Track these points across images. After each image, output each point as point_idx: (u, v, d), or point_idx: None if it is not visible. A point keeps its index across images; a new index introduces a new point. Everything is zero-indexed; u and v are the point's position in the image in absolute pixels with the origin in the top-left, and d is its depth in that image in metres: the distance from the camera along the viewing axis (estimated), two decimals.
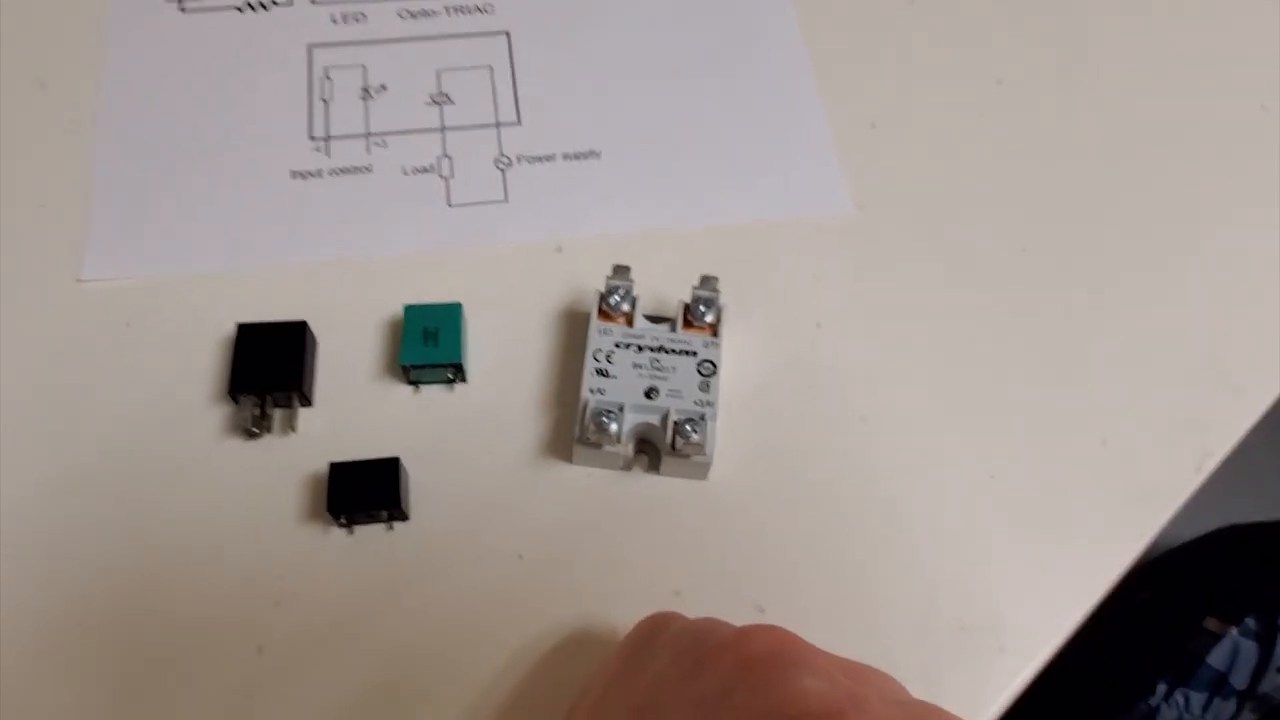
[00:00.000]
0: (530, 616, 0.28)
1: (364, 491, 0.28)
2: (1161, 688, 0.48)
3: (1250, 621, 0.48)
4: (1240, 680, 0.48)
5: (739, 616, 0.28)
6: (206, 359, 0.31)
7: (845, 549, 0.29)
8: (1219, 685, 0.48)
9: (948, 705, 0.27)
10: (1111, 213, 0.36)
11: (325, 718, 0.27)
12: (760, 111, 0.37)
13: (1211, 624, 0.49)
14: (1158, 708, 0.48)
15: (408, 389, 0.31)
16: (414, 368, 0.30)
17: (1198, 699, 0.48)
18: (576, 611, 0.28)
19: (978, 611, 0.29)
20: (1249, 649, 0.48)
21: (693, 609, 0.28)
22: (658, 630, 0.25)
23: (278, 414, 0.30)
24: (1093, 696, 0.51)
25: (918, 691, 0.27)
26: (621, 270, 0.31)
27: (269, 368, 0.30)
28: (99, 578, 0.28)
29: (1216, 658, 0.48)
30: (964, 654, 0.28)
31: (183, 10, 0.37)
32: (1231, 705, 0.48)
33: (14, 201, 0.33)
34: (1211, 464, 0.32)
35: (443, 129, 0.36)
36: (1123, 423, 0.32)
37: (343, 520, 0.28)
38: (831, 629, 0.28)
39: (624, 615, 0.28)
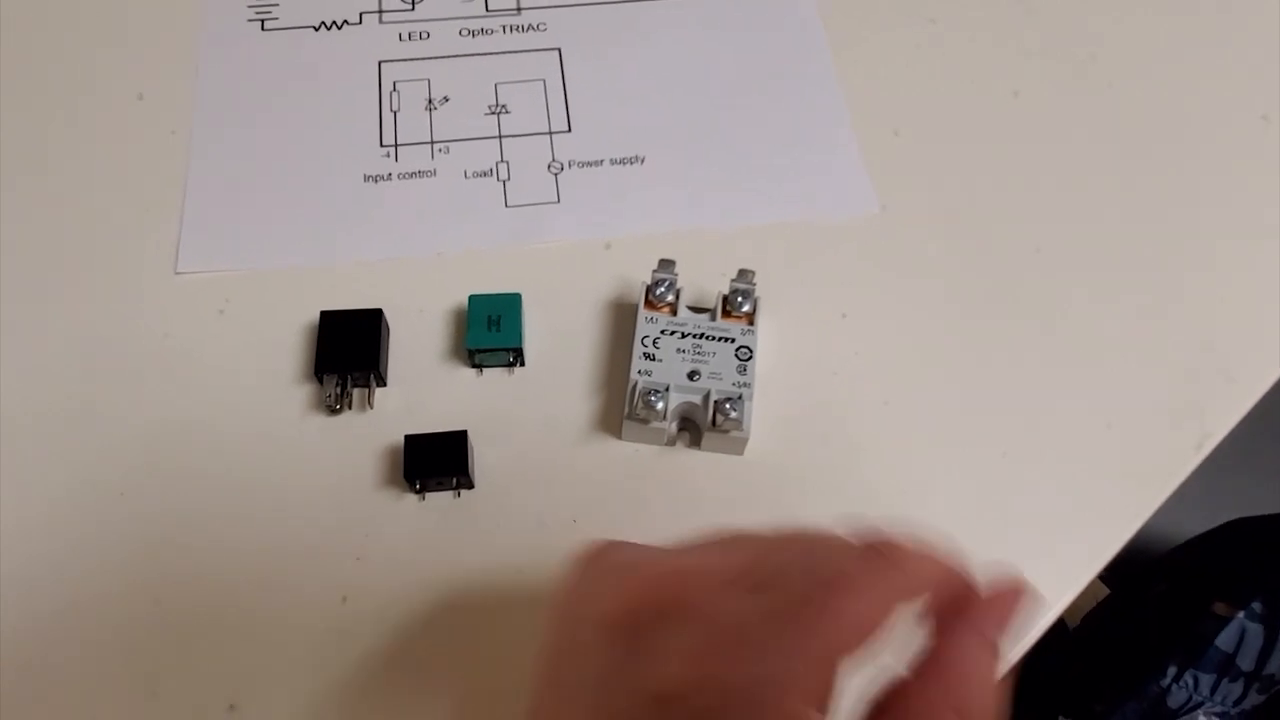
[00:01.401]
0: None
1: (436, 460, 0.31)
2: (1172, 669, 0.51)
3: (1257, 606, 0.50)
4: (1247, 662, 0.50)
5: None
6: (292, 343, 0.34)
7: (868, 519, 0.32)
8: (1227, 667, 0.50)
9: None
10: (1117, 214, 0.38)
11: (402, 660, 0.30)
12: (791, 119, 0.40)
13: (1220, 608, 0.51)
14: (1168, 688, 0.51)
15: (471, 371, 0.34)
16: (478, 351, 0.33)
17: (1206, 680, 0.50)
18: None
19: (990, 578, 0.32)
20: (1255, 632, 0.50)
21: None
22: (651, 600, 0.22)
23: (356, 392, 0.33)
24: (1106, 678, 0.53)
25: None
26: (666, 264, 0.34)
27: (349, 351, 0.33)
28: (199, 537, 0.31)
29: (1224, 640, 0.50)
30: None
31: (265, 29, 0.41)
32: (1239, 686, 0.50)
33: (118, 202, 0.37)
34: (1210, 445, 0.34)
35: (500, 137, 0.39)
36: (1126, 407, 0.34)
37: (417, 486, 0.31)
38: None
39: None
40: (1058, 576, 0.32)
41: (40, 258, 0.36)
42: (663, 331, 0.33)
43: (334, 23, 0.41)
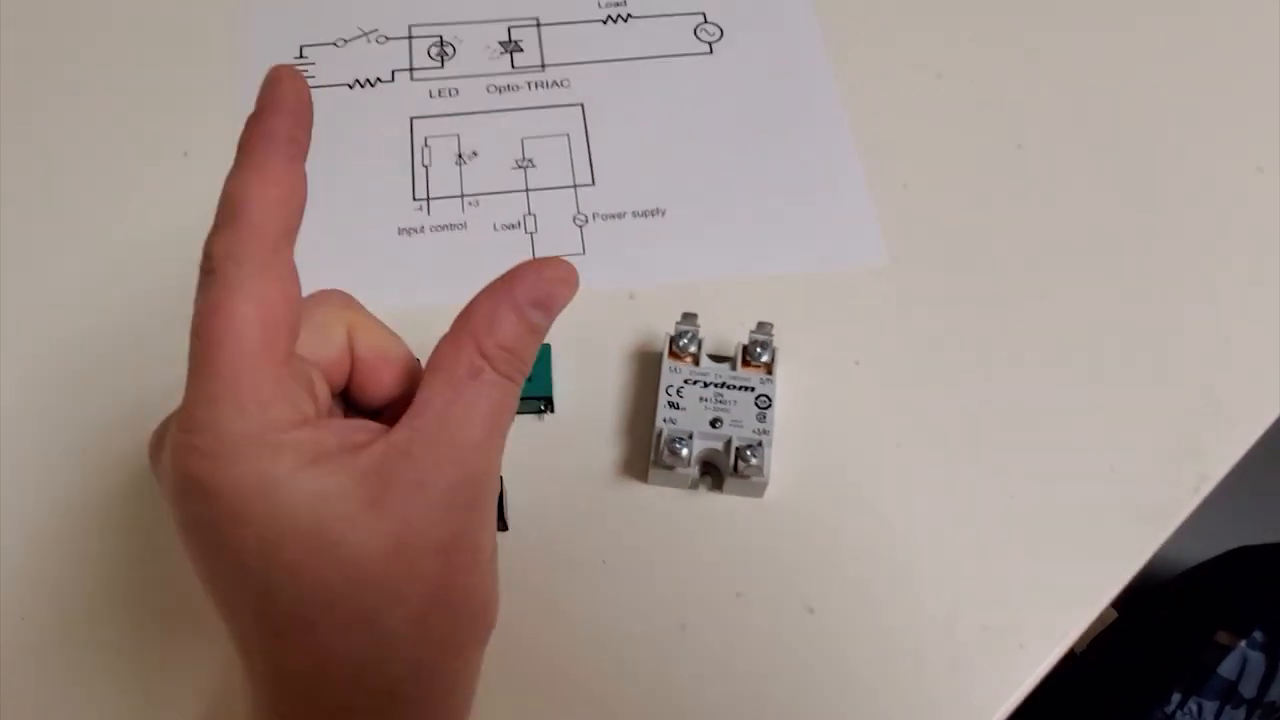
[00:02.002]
0: (612, 613, 0.33)
1: None
2: (1176, 696, 0.52)
3: (1258, 635, 0.52)
4: (1249, 689, 0.51)
5: (791, 615, 0.33)
6: None
7: (883, 558, 0.34)
8: (1229, 694, 0.51)
9: (975, 695, 0.32)
10: (1118, 263, 0.40)
11: None
12: (806, 173, 0.41)
13: (1222, 637, 0.52)
14: (1172, 715, 0.52)
15: None
16: None
17: (1210, 707, 0.52)
18: (651, 608, 0.33)
19: (1000, 614, 0.33)
20: (1257, 660, 0.51)
21: (752, 609, 0.33)
22: None
23: None
24: (1111, 704, 0.55)
25: (948, 682, 0.32)
26: (689, 317, 0.35)
27: None
28: None
29: (1227, 668, 0.51)
30: (988, 650, 0.33)
31: None
32: (1241, 713, 0.52)
33: (165, 255, 0.39)
34: (1208, 487, 0.36)
35: (527, 190, 0.41)
36: (1129, 451, 0.36)
37: None
38: (871, 627, 0.33)
39: (692, 613, 0.33)
40: (1062, 613, 0.33)
41: (90, 307, 0.38)
42: (686, 381, 0.34)
43: (368, 80, 0.43)
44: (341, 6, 0.45)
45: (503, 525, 0.33)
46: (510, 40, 0.45)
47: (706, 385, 0.34)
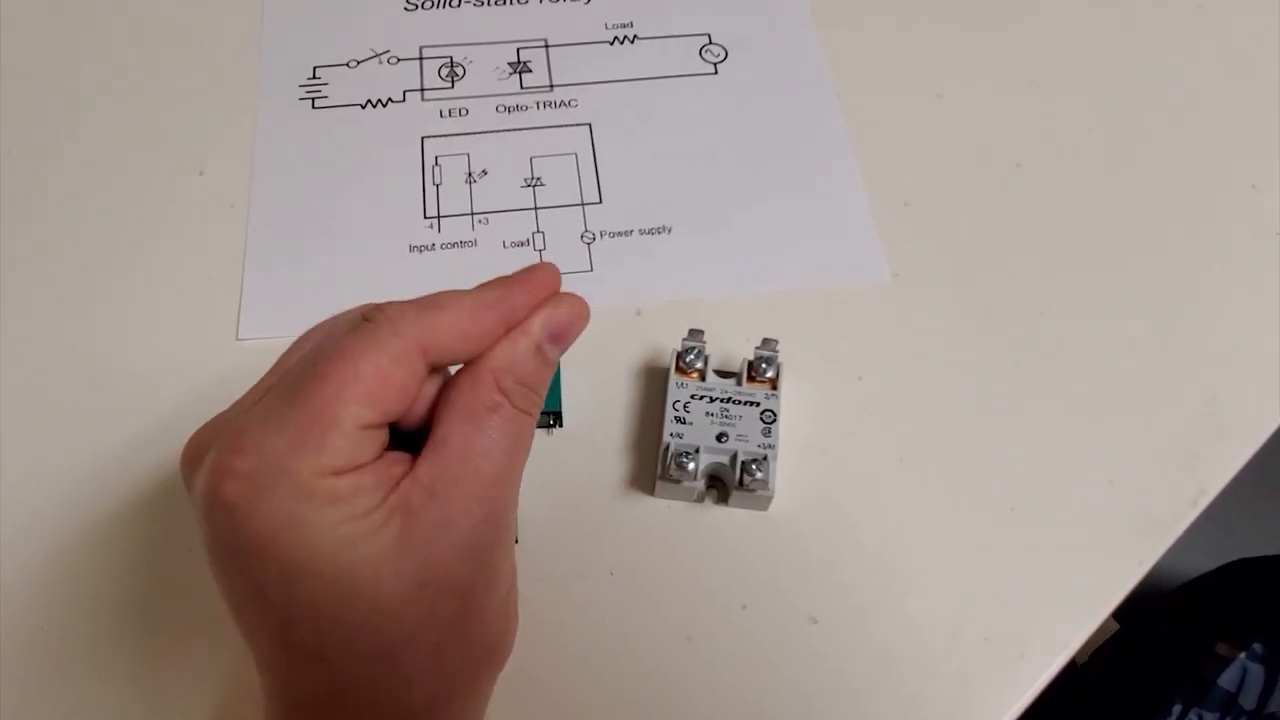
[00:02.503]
0: (619, 624, 0.33)
1: None
2: (1177, 708, 0.52)
3: (1257, 647, 0.52)
4: (1249, 701, 0.52)
5: (796, 626, 0.33)
6: None
7: (886, 570, 0.35)
8: (1229, 706, 0.52)
9: (977, 706, 0.33)
10: (1115, 279, 0.41)
11: None
12: (809, 192, 0.42)
13: (1223, 649, 0.53)
14: None
15: None
16: None
17: (1211, 718, 0.52)
18: (658, 619, 0.33)
19: (1001, 625, 0.34)
20: (1256, 672, 0.52)
21: (757, 620, 0.34)
22: None
23: None
24: (1112, 715, 0.55)
25: (950, 692, 0.32)
26: (696, 333, 0.36)
27: None
28: None
29: (1227, 680, 0.52)
30: (990, 660, 0.33)
31: (315, 108, 0.44)
32: None
33: (182, 273, 0.40)
34: (1205, 501, 0.36)
35: (536, 208, 0.42)
36: (1127, 464, 0.37)
37: None
38: (874, 638, 0.33)
39: (698, 624, 0.33)
40: (1063, 624, 0.34)
41: (107, 325, 0.39)
42: (693, 396, 0.35)
43: (379, 101, 0.44)
44: (354, 28, 0.46)
45: (515, 537, 0.34)
46: (519, 61, 0.46)
47: (712, 400, 0.35)
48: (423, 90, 0.45)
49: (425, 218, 0.41)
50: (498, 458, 0.24)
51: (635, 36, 0.47)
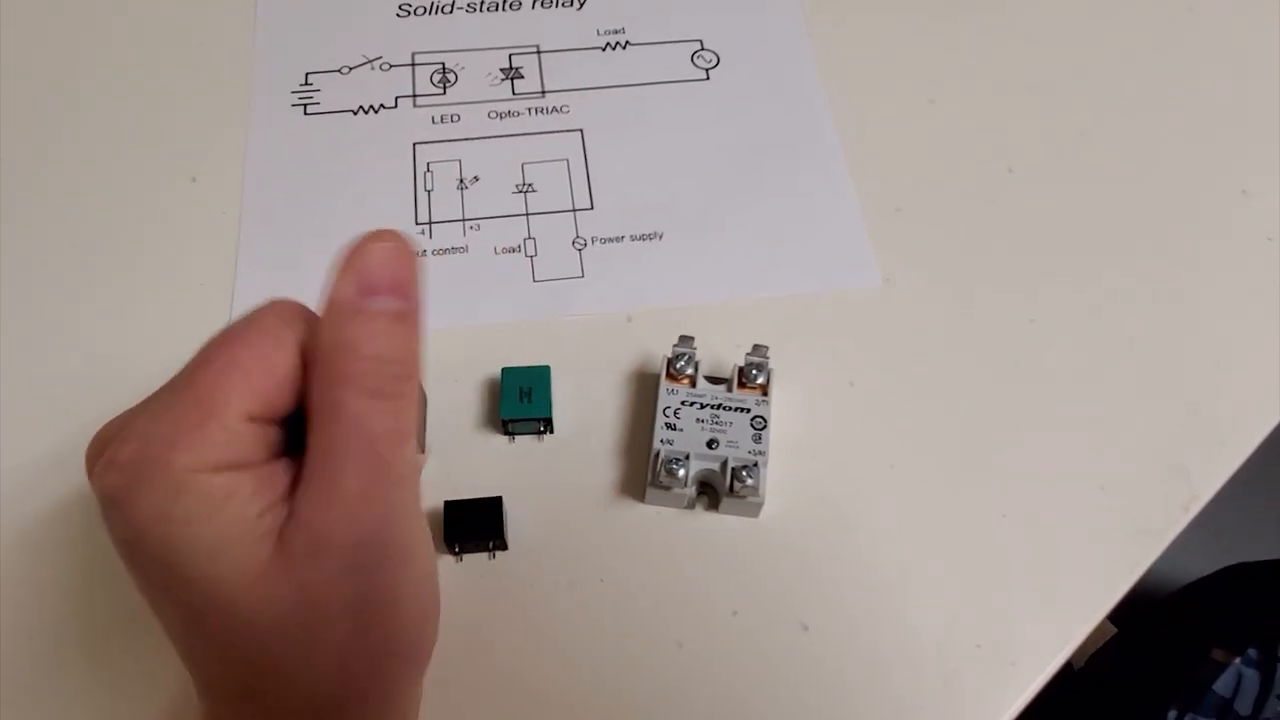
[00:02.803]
0: (610, 632, 0.33)
1: (473, 525, 0.33)
2: (1173, 713, 0.52)
3: (1252, 652, 0.52)
4: (1244, 706, 0.52)
5: (786, 633, 0.33)
6: None
7: (876, 576, 0.35)
8: (1225, 711, 0.52)
9: (968, 712, 0.33)
10: (1106, 285, 0.41)
11: (447, 711, 0.32)
12: (800, 197, 0.42)
13: (1218, 654, 0.53)
14: None
15: (504, 439, 0.36)
16: (512, 421, 0.36)
17: None
18: (648, 626, 0.33)
19: (992, 632, 0.34)
20: (1251, 677, 0.52)
21: (747, 627, 0.34)
22: None
23: None
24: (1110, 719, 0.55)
25: (941, 699, 0.32)
26: (686, 339, 0.36)
27: None
28: None
29: (1222, 685, 0.52)
30: (981, 667, 0.33)
31: (307, 114, 0.44)
32: None
33: (175, 279, 0.40)
34: (1197, 507, 0.36)
35: (527, 214, 0.42)
36: (1119, 470, 0.37)
37: (455, 549, 0.34)
38: (865, 644, 0.33)
39: (688, 631, 0.33)
40: (1054, 631, 0.34)
41: (101, 331, 0.38)
42: (683, 403, 0.35)
43: (371, 107, 0.44)
44: (346, 35, 0.46)
45: (502, 544, 0.34)
46: (511, 67, 0.46)
47: (703, 407, 0.35)
48: (415, 96, 0.45)
49: (416, 224, 0.41)
50: (354, 469, 0.21)
51: (627, 43, 0.47)
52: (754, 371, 0.36)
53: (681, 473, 0.34)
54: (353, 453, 0.21)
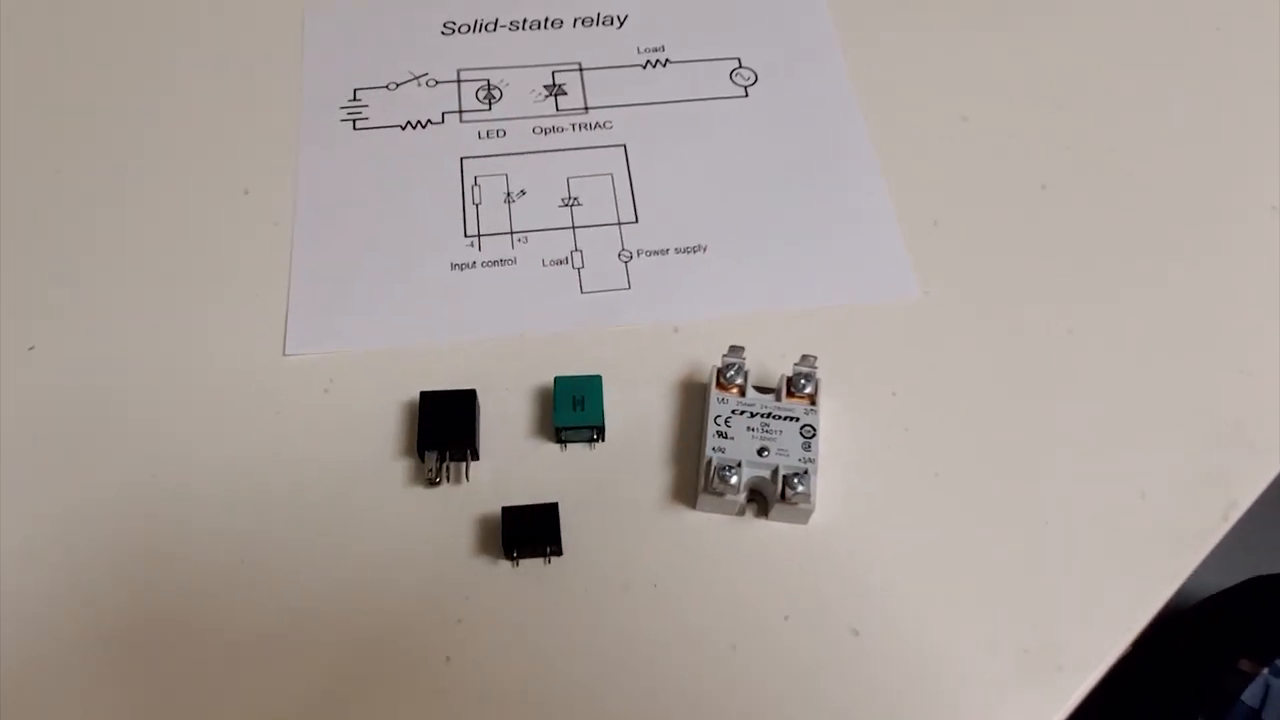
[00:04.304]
0: (664, 636, 0.34)
1: (531, 530, 0.34)
2: None
3: (1279, 663, 0.52)
4: (1273, 716, 0.52)
5: (837, 639, 0.34)
6: (390, 419, 0.38)
7: (925, 583, 0.35)
8: None
9: (1016, 716, 0.33)
10: (1142, 298, 0.42)
11: (505, 712, 0.32)
12: (840, 211, 0.43)
13: (1245, 665, 0.53)
14: None
15: (556, 446, 0.37)
16: (565, 429, 0.36)
17: None
18: (701, 630, 0.34)
19: (1038, 637, 0.34)
20: (1279, 688, 0.52)
21: (799, 631, 0.34)
22: None
23: (452, 466, 0.36)
24: None
25: (990, 703, 0.33)
26: (736, 349, 0.37)
27: (448, 428, 0.36)
28: (310, 602, 0.34)
29: (1250, 696, 0.52)
30: (1028, 673, 0.34)
31: (356, 129, 0.45)
32: None
33: (231, 290, 0.40)
34: (1236, 514, 0.37)
35: (573, 227, 0.43)
36: (1159, 478, 0.37)
37: (513, 554, 0.34)
38: (913, 650, 0.34)
39: (741, 634, 0.34)
40: (1099, 636, 0.34)
41: (159, 342, 0.39)
42: (733, 411, 0.36)
43: (419, 122, 0.45)
44: (393, 52, 0.47)
45: (558, 549, 0.35)
46: (554, 84, 0.47)
47: (753, 415, 0.36)
48: (461, 112, 0.46)
49: (466, 236, 0.42)
50: None
51: (667, 60, 0.48)
52: (802, 381, 0.36)
53: (735, 479, 0.34)
54: None
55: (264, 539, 0.35)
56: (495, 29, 0.48)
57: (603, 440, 0.37)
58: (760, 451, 0.35)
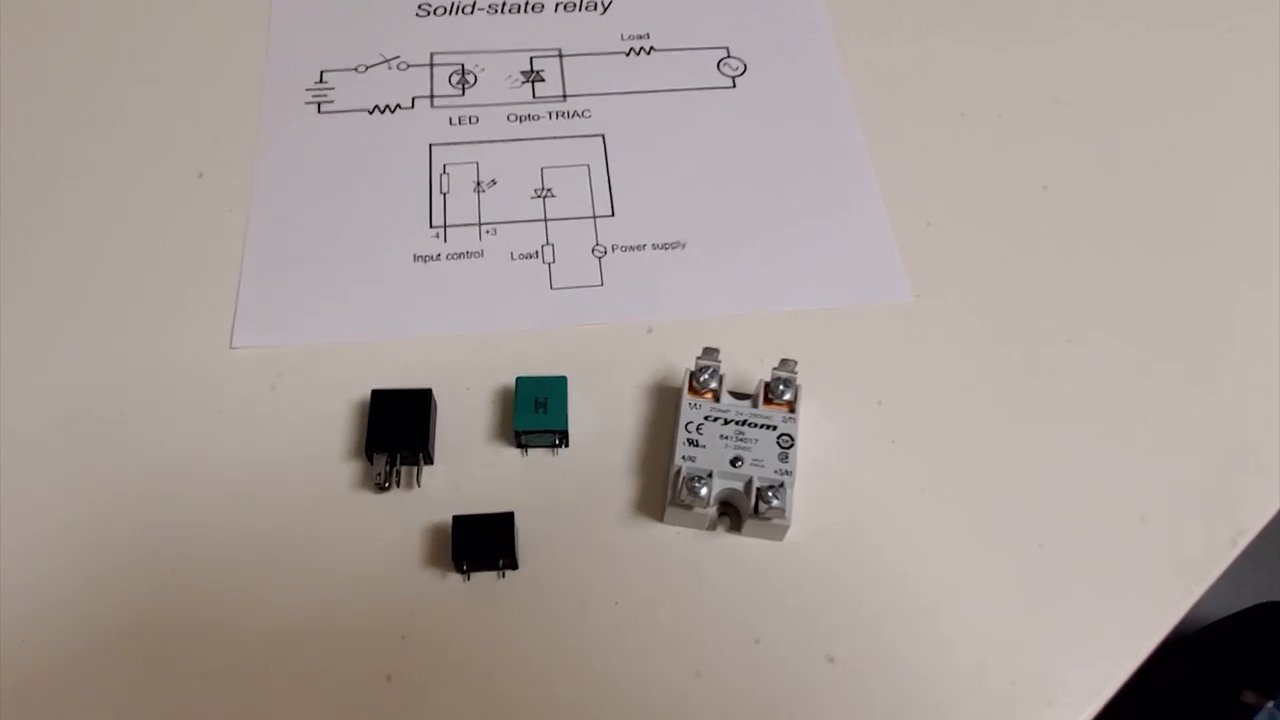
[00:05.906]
0: (624, 659, 0.31)
1: (483, 542, 0.32)
2: None
3: None
4: None
5: (811, 664, 0.32)
6: (340, 419, 0.35)
7: (907, 607, 0.33)
8: None
9: None
10: (1145, 307, 0.39)
11: None
12: (828, 210, 0.41)
13: (1249, 697, 0.51)
14: None
15: (517, 451, 0.35)
16: (525, 433, 0.34)
17: None
18: (665, 653, 0.32)
19: (1027, 669, 0.32)
20: None
21: (770, 657, 0.32)
22: None
23: (403, 470, 0.34)
24: None
25: None
26: (711, 351, 0.35)
27: (399, 430, 0.34)
28: (245, 610, 0.32)
29: None
30: (1015, 708, 0.31)
31: (321, 112, 0.43)
32: None
33: (176, 277, 0.38)
34: (1244, 541, 0.35)
35: (546, 220, 0.40)
36: (1161, 500, 0.35)
37: (463, 568, 0.32)
38: (894, 681, 0.31)
39: (707, 659, 0.31)
40: (1093, 670, 0.32)
41: (98, 328, 0.37)
42: (706, 418, 0.33)
43: (388, 106, 0.43)
44: (363, 33, 0.45)
45: (513, 563, 0.32)
46: (532, 70, 0.44)
47: (727, 423, 0.33)
48: (432, 97, 0.43)
49: (431, 226, 0.40)
50: None
51: (652, 48, 0.45)
52: (781, 387, 0.34)
53: (704, 491, 0.32)
54: None
55: (199, 541, 0.33)
56: (473, 11, 0.46)
57: (566, 446, 0.35)
58: (734, 461, 0.33)
